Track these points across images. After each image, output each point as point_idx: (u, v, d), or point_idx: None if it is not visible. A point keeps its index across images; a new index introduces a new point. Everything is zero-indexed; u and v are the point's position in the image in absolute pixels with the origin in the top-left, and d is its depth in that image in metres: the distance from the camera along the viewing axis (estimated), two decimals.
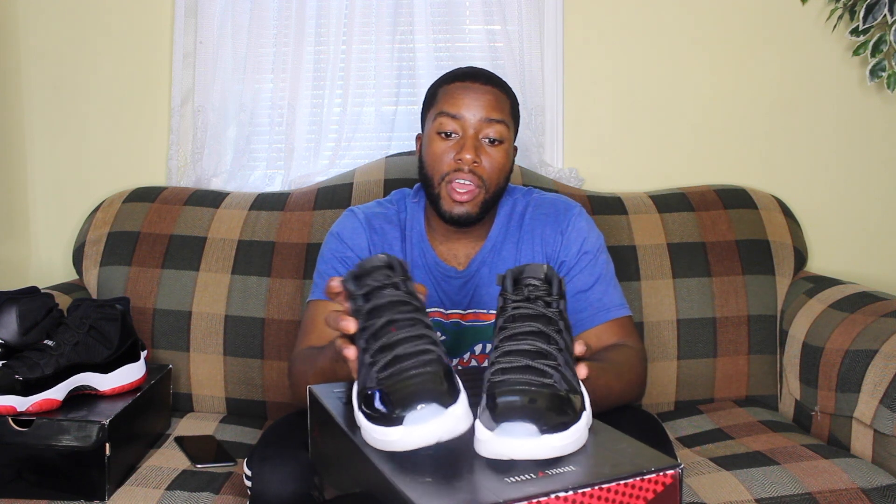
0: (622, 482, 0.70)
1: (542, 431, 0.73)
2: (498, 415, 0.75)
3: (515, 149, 1.36)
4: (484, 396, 0.81)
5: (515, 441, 0.73)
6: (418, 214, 1.37)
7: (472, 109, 1.25)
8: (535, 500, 0.68)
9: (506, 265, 1.32)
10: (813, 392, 1.51)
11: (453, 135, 1.26)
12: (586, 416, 0.81)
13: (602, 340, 1.26)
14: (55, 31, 1.94)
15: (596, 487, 0.69)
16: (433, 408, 0.75)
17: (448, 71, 1.35)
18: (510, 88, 1.33)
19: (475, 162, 1.23)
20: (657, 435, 1.16)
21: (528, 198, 1.38)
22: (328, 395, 0.97)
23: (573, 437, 0.76)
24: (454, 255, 1.34)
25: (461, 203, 1.25)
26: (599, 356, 1.20)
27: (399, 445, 0.76)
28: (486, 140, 1.25)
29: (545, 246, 1.33)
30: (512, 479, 0.71)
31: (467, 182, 1.24)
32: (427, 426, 0.75)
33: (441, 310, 1.33)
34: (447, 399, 0.76)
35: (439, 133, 1.26)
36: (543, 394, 0.77)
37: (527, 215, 1.35)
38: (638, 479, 0.71)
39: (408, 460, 0.76)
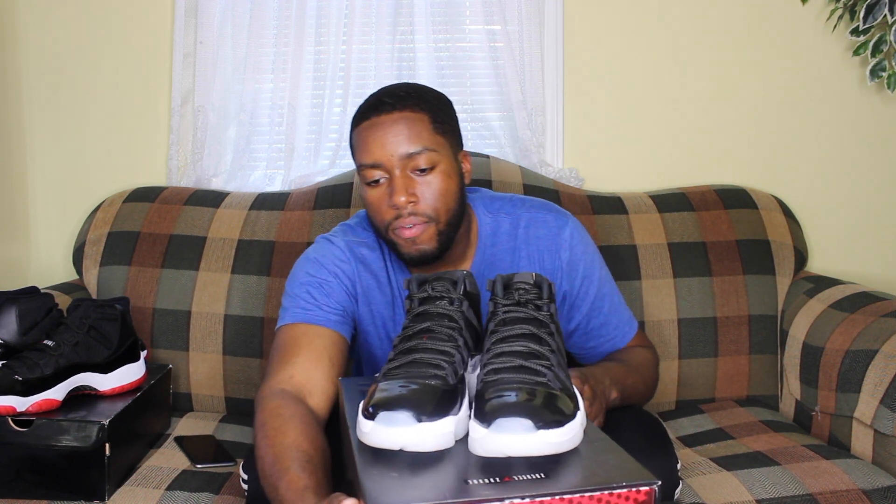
0: (587, 494, 0.67)
1: (538, 427, 0.72)
2: (492, 412, 0.74)
3: (466, 154, 1.23)
4: (474, 398, 0.82)
5: (511, 437, 0.72)
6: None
7: (386, 149, 1.12)
8: None
9: None
10: (813, 392, 1.50)
11: (381, 180, 1.15)
12: (581, 416, 0.80)
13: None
14: (55, 31, 1.94)
15: (556, 497, 0.67)
16: (405, 416, 0.76)
17: (363, 101, 1.21)
18: (429, 98, 1.18)
19: (411, 202, 1.13)
20: (658, 434, 1.16)
21: (512, 214, 1.26)
22: (349, 388, 1.00)
23: (568, 435, 0.75)
24: None
25: (413, 241, 1.14)
26: (620, 358, 1.24)
27: (367, 439, 0.78)
28: (416, 172, 1.14)
29: (544, 271, 1.24)
30: (474, 481, 0.70)
31: (410, 225, 1.13)
32: (391, 430, 0.76)
33: None
34: (425, 414, 0.77)
35: (368, 184, 1.16)
36: (538, 391, 0.77)
37: (518, 237, 1.25)
38: (605, 492, 0.68)
39: (387, 455, 0.76)
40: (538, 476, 0.70)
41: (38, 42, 1.94)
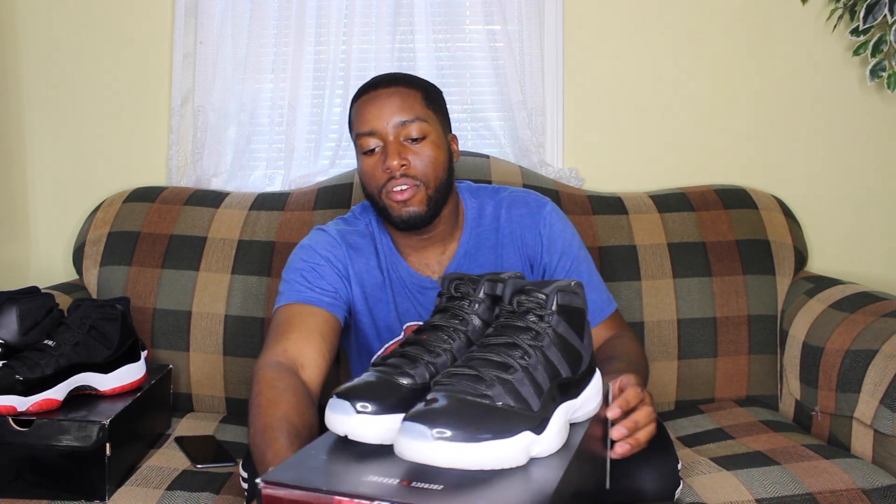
0: None
1: (438, 437, 0.69)
2: (407, 416, 0.73)
3: (453, 139, 1.33)
4: None
5: (408, 441, 0.70)
6: (385, 227, 1.34)
7: (382, 119, 1.23)
8: (356, 500, 0.67)
9: (484, 270, 1.28)
10: (813, 392, 1.51)
11: (376, 149, 1.25)
12: (526, 438, 0.75)
13: (600, 338, 1.32)
14: (55, 31, 1.94)
15: None
16: (347, 406, 0.78)
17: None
18: (421, 81, 1.31)
19: (403, 165, 1.22)
20: (659, 434, 1.16)
21: (496, 198, 1.36)
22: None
23: (483, 454, 0.71)
24: (426, 263, 1.33)
25: (405, 203, 1.23)
26: (620, 355, 1.24)
27: (325, 421, 0.81)
28: (409, 141, 1.24)
29: (526, 248, 1.33)
30: (372, 478, 0.71)
31: (403, 186, 1.23)
32: (333, 416, 0.79)
33: (419, 323, 1.30)
34: (370, 405, 0.78)
35: (364, 153, 1.26)
36: (463, 401, 0.74)
37: (501, 217, 1.34)
38: None
39: (340, 440, 0.80)
40: (434, 487, 0.68)
41: (38, 42, 1.94)
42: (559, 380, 0.82)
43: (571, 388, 0.85)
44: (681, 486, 1.14)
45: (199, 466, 1.34)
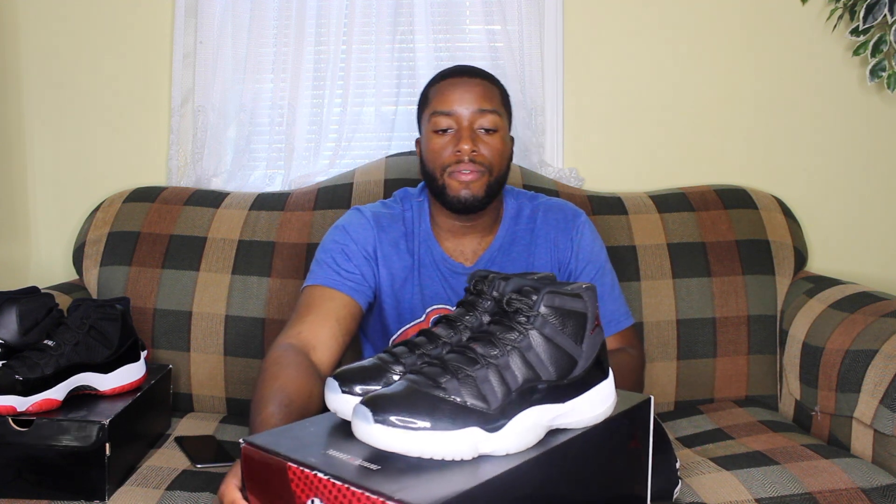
0: (362, 492, 0.69)
1: (378, 421, 0.72)
2: (361, 399, 0.76)
3: (512, 139, 1.40)
4: None
5: (355, 423, 0.75)
6: (424, 212, 1.40)
7: (463, 103, 1.30)
8: (307, 471, 0.72)
9: (515, 266, 1.36)
10: (813, 392, 1.51)
11: (449, 130, 1.31)
12: (472, 434, 0.74)
13: (609, 348, 1.33)
14: (55, 31, 1.94)
15: (339, 484, 0.70)
16: (336, 386, 0.83)
17: (438, 72, 1.40)
18: (499, 81, 1.38)
19: (474, 151, 1.28)
20: (657, 435, 1.16)
21: (534, 202, 1.42)
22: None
23: (419, 443, 0.72)
24: (461, 251, 1.38)
25: (467, 184, 1.29)
26: None
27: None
28: (482, 130, 1.30)
29: (558, 252, 1.38)
30: (331, 452, 0.75)
31: (469, 170, 1.29)
32: (326, 395, 0.85)
33: (448, 306, 1.35)
34: (355, 387, 0.82)
35: (435, 132, 1.32)
36: (414, 390, 0.75)
37: (538, 219, 1.40)
38: (379, 497, 0.68)
39: (335, 417, 0.85)
40: (371, 467, 0.72)
41: (38, 42, 1.94)
42: (537, 382, 0.80)
43: (555, 393, 0.82)
44: (679, 485, 1.14)
45: (199, 466, 1.34)
